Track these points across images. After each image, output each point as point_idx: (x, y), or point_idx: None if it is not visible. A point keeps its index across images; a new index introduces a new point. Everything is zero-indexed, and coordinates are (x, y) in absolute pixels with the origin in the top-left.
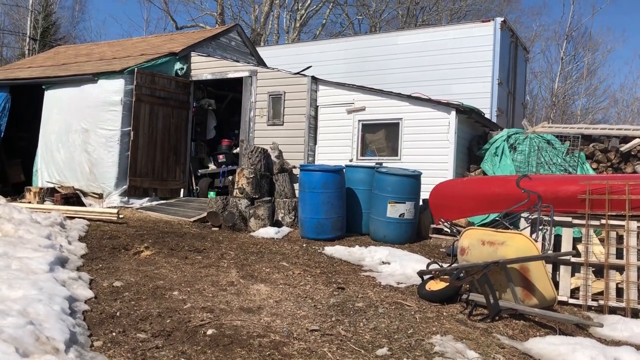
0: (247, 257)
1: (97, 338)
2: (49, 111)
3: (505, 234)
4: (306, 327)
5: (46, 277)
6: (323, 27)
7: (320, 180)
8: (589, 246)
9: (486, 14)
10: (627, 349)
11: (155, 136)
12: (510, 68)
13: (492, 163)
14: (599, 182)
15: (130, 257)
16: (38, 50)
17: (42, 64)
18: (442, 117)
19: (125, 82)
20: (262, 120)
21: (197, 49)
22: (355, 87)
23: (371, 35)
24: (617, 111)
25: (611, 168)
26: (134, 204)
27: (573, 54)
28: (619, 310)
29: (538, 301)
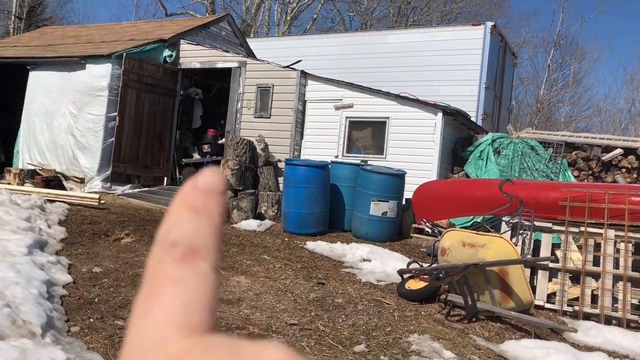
0: (229, 249)
1: (75, 323)
2: (34, 92)
3: (486, 236)
4: (285, 321)
5: (24, 260)
6: (314, 21)
7: (305, 175)
8: (567, 252)
9: (477, 17)
10: (599, 354)
11: (140, 123)
12: (497, 73)
13: (476, 166)
14: (580, 190)
15: (110, 243)
16: (24, 29)
17: (28, 43)
18: (428, 118)
19: (113, 66)
20: (249, 112)
21: (187, 36)
22: (344, 84)
23: (362, 32)
24: (600, 121)
25: (592, 176)
26: (116, 190)
27: (560, 62)
28: (593, 317)
29: (515, 304)
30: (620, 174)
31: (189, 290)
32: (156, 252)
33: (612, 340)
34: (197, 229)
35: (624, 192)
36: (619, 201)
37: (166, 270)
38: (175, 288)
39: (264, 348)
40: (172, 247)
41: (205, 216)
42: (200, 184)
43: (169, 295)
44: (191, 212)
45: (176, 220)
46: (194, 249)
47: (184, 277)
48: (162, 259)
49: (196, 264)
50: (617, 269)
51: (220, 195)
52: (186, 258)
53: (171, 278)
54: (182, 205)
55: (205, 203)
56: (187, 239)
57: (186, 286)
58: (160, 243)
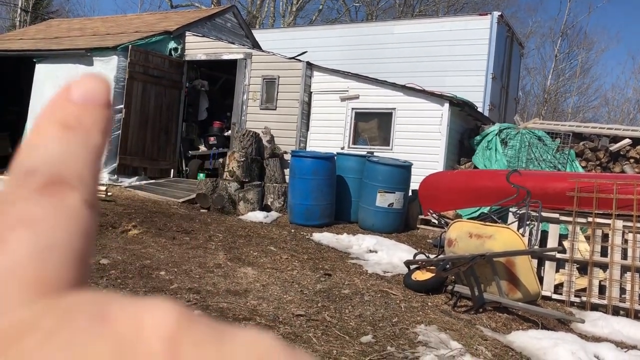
0: (235, 240)
1: None
2: (40, 85)
3: (493, 227)
4: (292, 312)
5: None
6: (319, 12)
7: (311, 166)
8: (574, 243)
9: (483, 7)
10: (607, 345)
11: (146, 115)
12: (504, 63)
13: (484, 157)
14: (588, 181)
15: (117, 235)
16: (29, 22)
17: (34, 36)
18: (435, 109)
19: (119, 58)
20: (255, 104)
21: (192, 28)
22: (350, 75)
23: (367, 23)
24: (608, 111)
25: (600, 167)
26: (123, 182)
27: (567, 52)
28: (600, 307)
29: (522, 295)
30: (628, 164)
31: (45, 233)
32: (9, 182)
33: (620, 331)
34: (67, 152)
35: (632, 182)
36: (627, 191)
37: (16, 208)
38: (24, 231)
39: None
40: (28, 176)
41: (80, 135)
42: (75, 94)
43: (16, 241)
44: (60, 130)
45: (37, 141)
46: (58, 178)
47: (40, 215)
48: (14, 192)
49: (61, 198)
50: (625, 260)
51: (103, 108)
52: (47, 190)
53: (21, 218)
54: (49, 121)
55: (80, 118)
56: (50, 165)
57: (42, 227)
58: (15, 172)
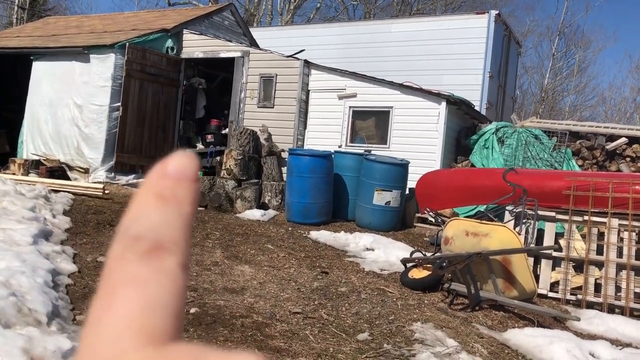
0: (233, 238)
1: (80, 312)
2: (38, 83)
3: (489, 225)
4: (289, 310)
5: (30, 250)
6: (317, 10)
7: (308, 164)
8: (570, 241)
9: (481, 6)
10: (602, 343)
11: (144, 113)
12: (502, 61)
13: (481, 155)
14: (584, 179)
15: (114, 233)
16: (27, 19)
17: (31, 34)
18: (432, 108)
19: (116, 56)
20: (253, 102)
21: (190, 26)
22: (347, 73)
23: (365, 21)
24: (605, 110)
25: (596, 165)
26: (120, 180)
27: (564, 51)
28: (596, 305)
29: (518, 293)
30: (624, 163)
31: (151, 292)
32: (116, 247)
33: (615, 328)
34: (165, 220)
35: (628, 181)
36: (623, 190)
37: (126, 269)
38: (134, 289)
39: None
40: (134, 242)
41: (174, 206)
42: (169, 170)
43: (128, 297)
44: (158, 201)
45: (140, 211)
46: (159, 244)
47: (146, 276)
48: (122, 256)
49: (161, 261)
50: (620, 258)
51: (192, 182)
52: (150, 254)
53: (131, 277)
54: (148, 194)
55: (174, 191)
56: (152, 232)
57: (148, 287)
58: (122, 237)
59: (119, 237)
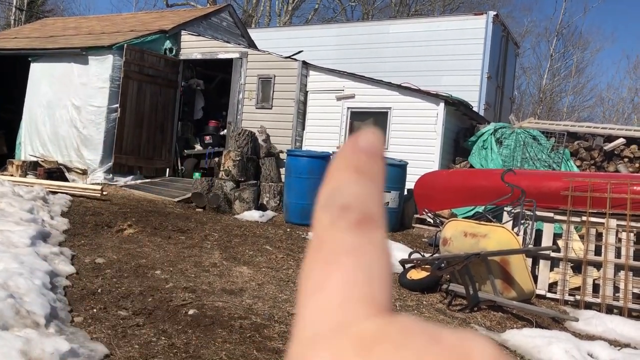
0: (231, 240)
1: (78, 314)
2: (36, 84)
3: (488, 226)
4: (287, 311)
5: (28, 251)
6: (315, 11)
7: (307, 165)
8: (569, 242)
9: (479, 6)
10: (600, 343)
11: (142, 114)
12: (500, 62)
13: (479, 156)
14: (582, 180)
15: (113, 234)
16: (24, 21)
17: (29, 35)
18: (430, 108)
19: (114, 57)
20: (251, 103)
21: (188, 27)
22: (345, 74)
23: (363, 22)
24: (603, 110)
25: (594, 166)
26: (118, 181)
27: (562, 52)
28: (594, 306)
29: (517, 294)
30: (622, 164)
31: (368, 262)
32: (324, 216)
33: (614, 329)
34: (367, 193)
35: (626, 181)
36: (621, 190)
37: (342, 237)
38: (355, 259)
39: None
40: (343, 211)
41: (371, 180)
42: (362, 145)
43: (348, 266)
44: (357, 174)
45: (342, 182)
46: (368, 215)
47: (362, 246)
48: (334, 224)
49: (372, 232)
50: (618, 259)
51: (382, 158)
52: (361, 225)
53: (349, 246)
54: (345, 166)
55: (369, 164)
56: (359, 203)
57: (365, 256)
58: (327, 206)
59: (323, 206)
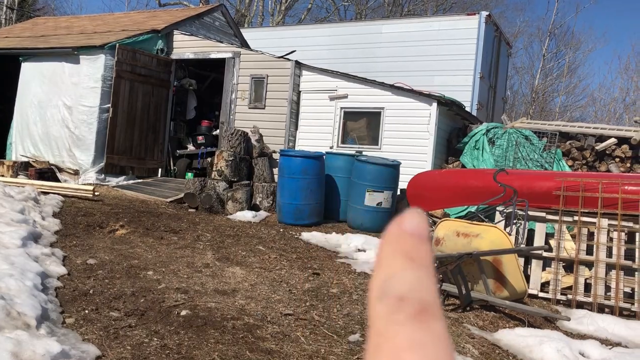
0: (224, 240)
1: (70, 315)
2: (27, 84)
3: (480, 226)
4: (280, 311)
5: (18, 252)
6: (308, 11)
7: (300, 166)
8: (560, 241)
9: (471, 6)
10: (592, 342)
11: (134, 114)
12: (492, 62)
13: (471, 156)
14: (574, 180)
15: (105, 235)
16: (15, 20)
17: (20, 34)
18: (423, 109)
19: (106, 57)
20: (244, 102)
21: (180, 27)
22: (338, 74)
23: (356, 22)
24: (595, 110)
25: (586, 166)
26: (110, 181)
27: (555, 52)
28: (586, 305)
29: (509, 293)
30: (614, 163)
31: (431, 356)
32: (381, 307)
33: (605, 328)
34: (421, 282)
35: (617, 181)
36: (613, 190)
37: (402, 332)
38: (416, 354)
39: None
40: (400, 303)
41: (423, 267)
42: (408, 229)
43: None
44: (408, 261)
45: (394, 271)
46: (425, 306)
47: (424, 340)
48: (392, 317)
49: (432, 324)
50: (610, 258)
51: (429, 242)
52: (420, 317)
53: (411, 342)
54: (395, 253)
55: (418, 250)
56: (414, 293)
57: (428, 352)
58: (383, 298)
59: (377, 297)
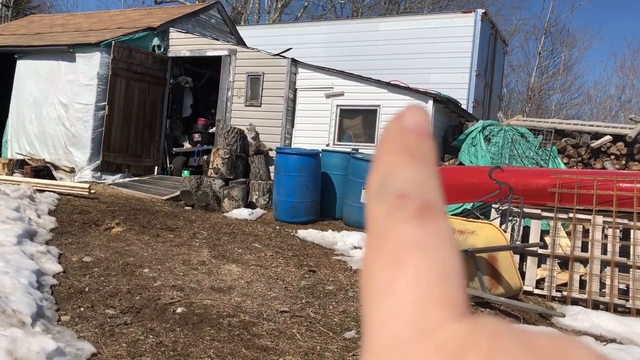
0: (220, 238)
1: (65, 313)
2: (22, 81)
3: (476, 223)
4: (276, 308)
5: (14, 250)
6: (305, 9)
7: (296, 163)
8: (556, 238)
9: (468, 4)
10: (586, 339)
11: (130, 112)
12: (488, 60)
13: (469, 153)
14: (569, 177)
15: (100, 232)
16: (11, 17)
17: (15, 32)
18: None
19: (102, 55)
20: (240, 100)
21: (176, 25)
22: (335, 72)
23: (353, 20)
24: (590, 108)
25: (581, 163)
26: (106, 179)
27: (551, 49)
28: (581, 302)
29: (504, 290)
30: (609, 161)
31: (439, 258)
32: (380, 206)
33: (600, 324)
34: (423, 179)
35: (612, 178)
36: (608, 187)
37: (405, 230)
38: (423, 254)
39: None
40: (401, 200)
41: (424, 163)
42: (408, 124)
43: (419, 263)
44: (408, 157)
45: (394, 167)
46: (429, 204)
47: (429, 239)
48: (393, 215)
49: (436, 223)
50: (605, 255)
51: (431, 138)
52: (423, 215)
53: (414, 241)
54: (395, 149)
55: (419, 146)
56: (417, 190)
57: (434, 252)
58: (382, 195)
59: (377, 195)
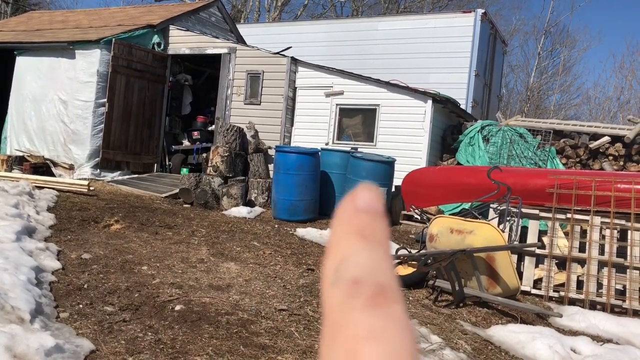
0: (218, 236)
1: (64, 309)
2: (21, 78)
3: (474, 223)
4: (274, 307)
5: (12, 247)
6: (305, 7)
7: (295, 162)
8: (553, 239)
9: (467, 4)
10: (583, 339)
11: (129, 109)
12: (487, 60)
13: (467, 153)
14: (567, 177)
15: (99, 230)
16: (10, 14)
17: (14, 28)
18: (418, 106)
19: (102, 52)
20: (239, 98)
21: (176, 22)
22: (334, 71)
23: (352, 19)
24: (589, 108)
25: (580, 164)
26: (105, 176)
27: (550, 50)
28: (578, 302)
29: (502, 290)
30: (607, 162)
31: (392, 345)
32: (334, 293)
33: (596, 325)
34: (376, 262)
35: (610, 179)
36: (605, 188)
37: (358, 319)
38: (376, 344)
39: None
40: (354, 287)
41: (378, 245)
42: (360, 204)
43: (372, 354)
44: (361, 240)
45: (348, 252)
46: (382, 289)
47: (382, 327)
48: (347, 303)
49: (390, 308)
50: (602, 255)
51: (383, 217)
52: (377, 301)
53: (367, 330)
54: (348, 232)
55: (372, 227)
56: (369, 275)
57: (388, 340)
58: (337, 282)
59: (331, 283)
